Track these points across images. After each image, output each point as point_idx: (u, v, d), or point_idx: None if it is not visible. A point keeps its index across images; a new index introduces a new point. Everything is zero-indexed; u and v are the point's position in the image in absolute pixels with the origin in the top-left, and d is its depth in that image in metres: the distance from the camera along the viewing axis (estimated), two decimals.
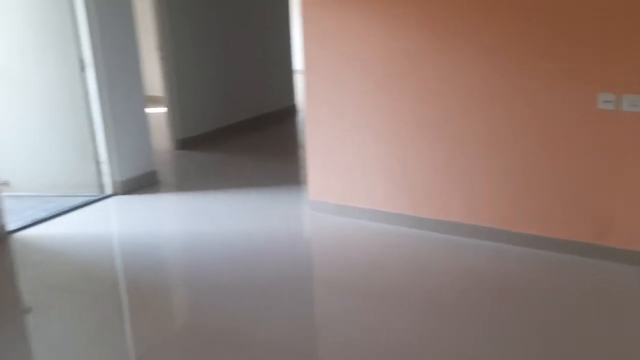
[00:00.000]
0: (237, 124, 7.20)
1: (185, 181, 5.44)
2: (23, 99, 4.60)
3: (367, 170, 4.01)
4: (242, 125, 7.26)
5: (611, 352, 2.58)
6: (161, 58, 6.16)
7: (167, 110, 6.37)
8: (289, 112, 8.34)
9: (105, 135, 4.68)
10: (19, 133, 4.65)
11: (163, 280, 3.49)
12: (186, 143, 6.46)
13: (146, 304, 3.15)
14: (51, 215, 4.35)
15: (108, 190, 4.82)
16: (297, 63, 8.44)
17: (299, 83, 8.03)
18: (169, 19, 6.07)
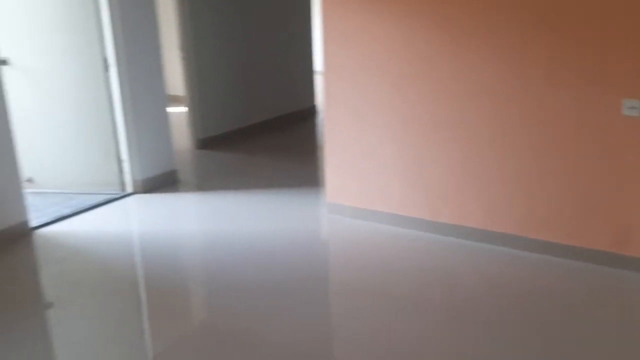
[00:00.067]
0: (258, 124, 7.24)
1: (205, 181, 5.50)
2: (49, 98, 4.69)
3: (383, 170, 4.01)
4: (263, 125, 7.30)
5: None
6: (183, 58, 6.23)
7: (188, 109, 6.43)
8: (310, 113, 8.36)
9: (127, 134, 4.75)
10: (44, 131, 4.75)
11: (182, 279, 3.53)
12: (207, 143, 6.52)
13: (165, 302, 3.20)
14: (74, 212, 4.43)
15: (129, 188, 4.90)
16: (318, 64, 8.48)
17: (320, 84, 8.06)
18: (191, 20, 6.14)
